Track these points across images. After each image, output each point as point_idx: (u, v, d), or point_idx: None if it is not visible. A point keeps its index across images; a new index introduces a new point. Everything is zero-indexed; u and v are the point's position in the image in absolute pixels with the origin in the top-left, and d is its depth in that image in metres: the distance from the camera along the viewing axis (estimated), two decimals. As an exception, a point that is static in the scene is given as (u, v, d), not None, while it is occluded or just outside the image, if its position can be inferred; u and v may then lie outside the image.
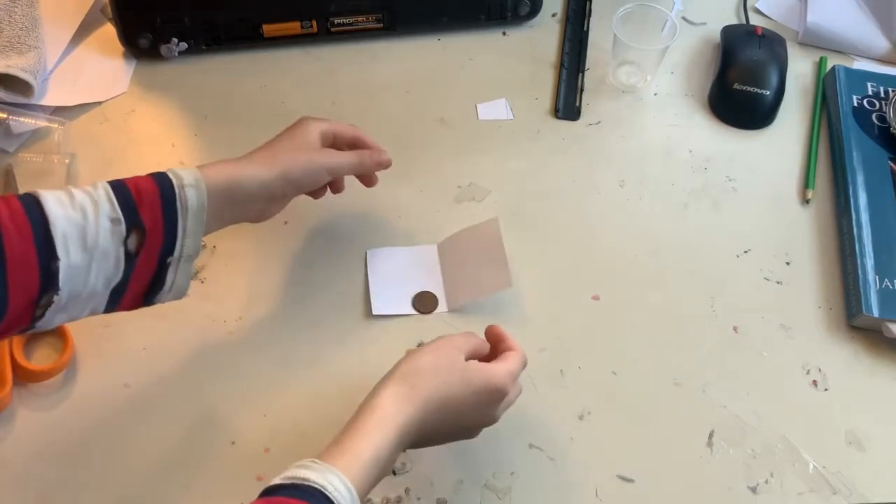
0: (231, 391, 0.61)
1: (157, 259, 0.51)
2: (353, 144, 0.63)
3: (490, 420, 0.53)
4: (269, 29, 0.81)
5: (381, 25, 0.83)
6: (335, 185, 0.65)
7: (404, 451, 0.50)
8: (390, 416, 0.47)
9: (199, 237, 0.52)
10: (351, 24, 0.82)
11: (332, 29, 0.82)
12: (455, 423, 0.51)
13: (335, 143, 0.62)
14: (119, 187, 0.49)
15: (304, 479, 0.43)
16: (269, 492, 0.43)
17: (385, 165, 0.63)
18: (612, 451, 0.59)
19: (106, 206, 0.48)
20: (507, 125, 0.78)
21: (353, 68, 0.82)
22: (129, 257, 0.49)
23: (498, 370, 0.51)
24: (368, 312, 0.65)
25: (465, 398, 0.50)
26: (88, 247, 0.47)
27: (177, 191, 0.50)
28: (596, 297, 0.67)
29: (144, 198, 0.49)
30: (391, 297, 0.65)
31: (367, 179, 0.65)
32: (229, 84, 0.80)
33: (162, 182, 0.51)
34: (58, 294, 0.47)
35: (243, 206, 0.56)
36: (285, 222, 0.70)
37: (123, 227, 0.48)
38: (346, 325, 0.64)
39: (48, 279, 0.46)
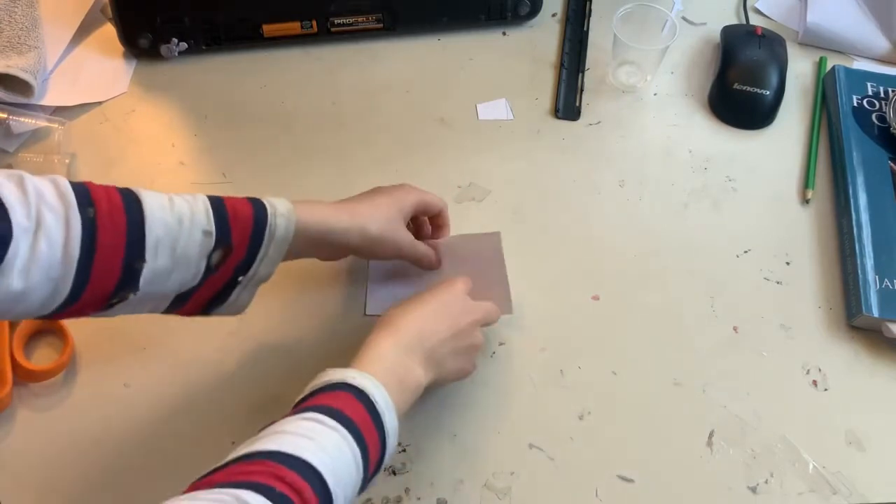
0: (231, 391, 0.61)
1: (230, 275, 0.52)
2: (435, 217, 0.65)
3: (472, 325, 0.56)
4: (269, 29, 0.81)
5: (381, 25, 0.83)
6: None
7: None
8: (377, 352, 0.51)
9: (275, 265, 0.54)
10: (351, 24, 0.82)
11: (332, 29, 0.82)
12: (444, 340, 0.54)
13: (424, 210, 0.63)
14: (217, 204, 0.51)
15: (332, 380, 0.48)
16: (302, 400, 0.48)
17: (433, 268, 0.64)
18: (612, 451, 0.59)
19: (202, 218, 0.49)
20: (507, 125, 0.78)
21: (353, 68, 0.82)
22: (209, 270, 0.50)
23: (450, 280, 0.57)
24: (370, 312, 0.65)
25: (435, 311, 0.54)
26: (177, 255, 0.48)
27: (269, 219, 0.52)
28: (596, 297, 0.67)
29: (239, 219, 0.51)
30: (387, 297, 0.65)
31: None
32: (229, 84, 0.80)
33: (257, 208, 0.52)
34: (136, 293, 0.48)
35: (320, 247, 0.57)
36: (285, 222, 0.70)
37: (213, 240, 0.49)
38: (347, 324, 0.64)
39: (130, 278, 0.47)
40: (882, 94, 0.78)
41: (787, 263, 0.69)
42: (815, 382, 0.62)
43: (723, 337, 0.65)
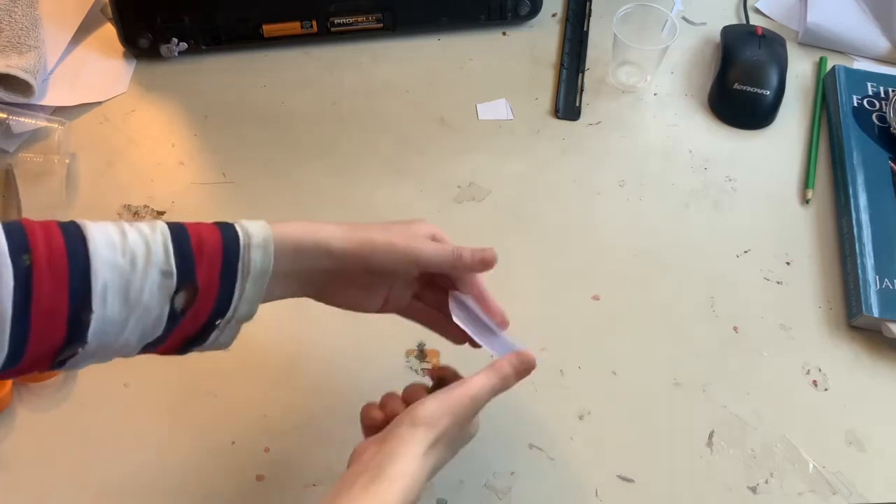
0: (231, 391, 0.61)
1: (204, 320, 0.45)
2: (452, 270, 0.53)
3: (468, 436, 0.50)
4: (269, 29, 0.81)
5: (381, 25, 0.83)
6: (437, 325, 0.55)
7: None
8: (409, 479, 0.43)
9: (257, 303, 0.46)
10: (351, 24, 0.82)
11: (332, 29, 0.82)
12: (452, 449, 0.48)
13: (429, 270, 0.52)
14: (179, 235, 0.43)
15: None
16: None
17: (489, 265, 0.52)
18: (612, 451, 0.59)
19: (160, 256, 0.42)
20: (507, 125, 0.78)
21: (353, 68, 0.82)
22: (174, 316, 0.43)
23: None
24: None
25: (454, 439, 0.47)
26: (130, 301, 0.41)
27: (241, 251, 0.44)
28: (596, 297, 0.67)
29: (205, 253, 0.43)
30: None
31: (463, 285, 0.53)
32: (229, 84, 0.80)
33: (227, 237, 0.44)
34: (83, 347, 0.41)
35: (311, 274, 0.48)
36: (285, 222, 0.70)
37: (174, 282, 0.42)
38: (347, 324, 0.64)
39: (76, 331, 0.40)
40: (882, 94, 0.78)
41: (788, 263, 0.69)
42: (815, 382, 0.62)
43: (723, 337, 0.65)
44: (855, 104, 0.77)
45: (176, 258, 0.42)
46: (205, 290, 0.43)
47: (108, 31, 0.83)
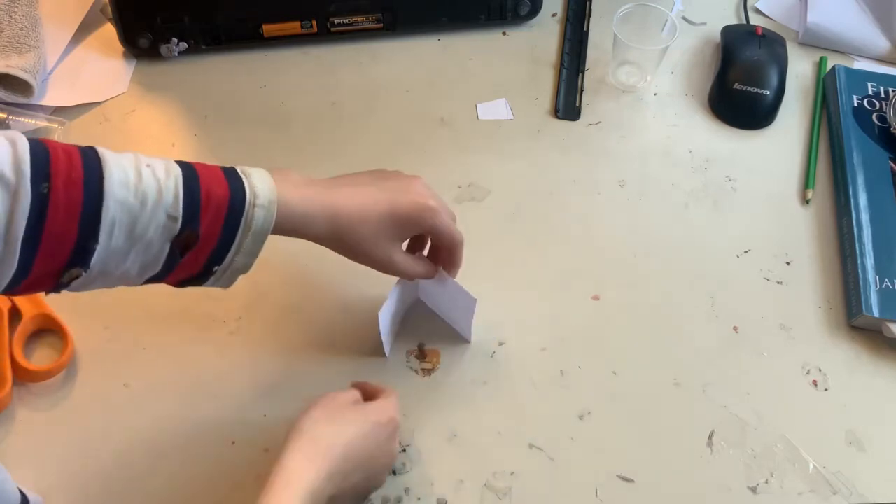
0: (231, 391, 0.61)
1: (203, 264, 0.48)
2: (449, 251, 0.57)
3: (391, 454, 0.54)
4: (268, 29, 0.81)
5: (381, 25, 0.83)
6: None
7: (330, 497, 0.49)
8: (295, 475, 0.46)
9: (254, 257, 0.49)
10: (351, 24, 0.82)
11: (332, 29, 0.82)
12: (362, 462, 0.51)
13: (433, 236, 0.56)
14: (191, 182, 0.46)
15: None
16: None
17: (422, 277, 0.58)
18: (612, 451, 0.59)
19: (169, 200, 0.44)
20: (507, 125, 0.78)
21: (353, 68, 0.82)
22: (174, 256, 0.46)
23: (386, 403, 0.53)
24: (367, 312, 0.64)
25: (366, 435, 0.50)
26: (135, 236, 0.44)
27: (246, 208, 0.47)
28: (596, 297, 0.67)
29: (212, 204, 0.46)
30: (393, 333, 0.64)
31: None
32: (229, 84, 0.80)
33: (235, 193, 0.47)
34: (87, 271, 0.44)
35: (312, 236, 0.53)
36: (285, 222, 0.70)
37: (178, 226, 0.45)
38: (347, 324, 0.64)
39: (81, 256, 0.43)
40: (882, 94, 0.78)
41: (788, 263, 0.69)
42: (815, 382, 0.62)
43: (723, 337, 0.65)
44: (855, 104, 0.77)
45: (184, 205, 0.45)
46: (205, 239, 0.46)
47: (108, 31, 0.83)
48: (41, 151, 0.42)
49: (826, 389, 0.62)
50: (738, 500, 0.57)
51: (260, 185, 0.48)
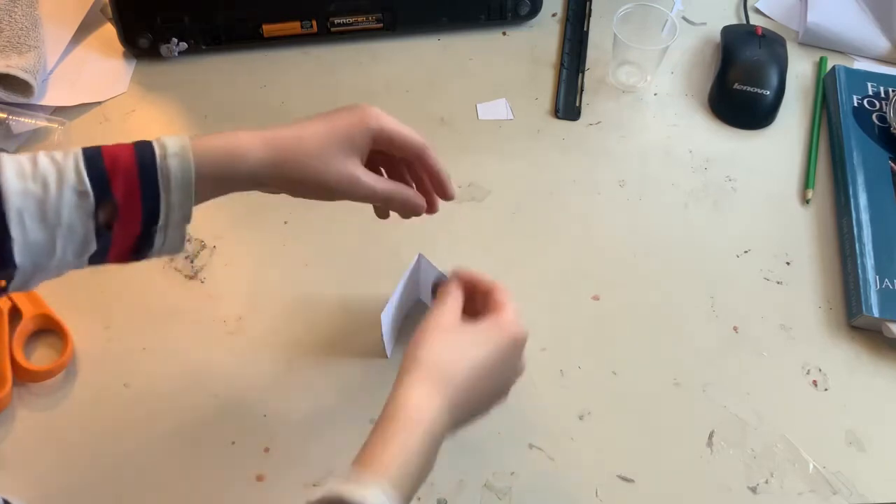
0: (231, 391, 0.61)
1: (138, 228, 0.46)
2: (419, 160, 0.53)
3: (518, 371, 0.50)
4: (268, 29, 0.81)
5: (381, 25, 0.83)
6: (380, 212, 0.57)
7: (448, 437, 0.47)
8: (419, 417, 0.43)
9: (189, 206, 0.47)
10: (351, 24, 0.82)
11: (332, 29, 0.82)
12: (489, 388, 0.48)
13: (391, 149, 0.52)
14: (92, 157, 0.44)
15: (341, 496, 0.39)
16: None
17: (414, 210, 0.53)
18: (612, 451, 0.59)
19: (71, 178, 0.43)
20: (507, 125, 0.78)
21: (353, 68, 0.82)
22: (101, 232, 0.45)
23: (508, 316, 0.48)
24: (369, 312, 0.64)
25: (492, 359, 0.47)
26: (49, 222, 0.43)
27: (158, 161, 0.45)
28: (596, 297, 0.67)
29: (119, 168, 0.44)
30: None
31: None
32: (229, 84, 0.80)
33: (142, 151, 0.45)
34: (17, 270, 0.43)
35: (241, 179, 0.49)
36: (285, 222, 0.70)
37: (92, 200, 0.44)
38: (347, 324, 0.64)
39: (2, 257, 0.42)
40: (882, 94, 0.78)
41: (788, 263, 0.69)
42: (815, 382, 0.62)
43: (723, 337, 0.65)
44: (855, 104, 0.77)
45: (90, 178, 0.44)
46: (126, 204, 0.45)
47: (108, 31, 0.83)
48: None
49: (826, 389, 0.62)
50: (738, 500, 0.57)
51: (168, 139, 0.46)
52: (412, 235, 0.69)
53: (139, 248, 0.47)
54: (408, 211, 0.54)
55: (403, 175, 0.56)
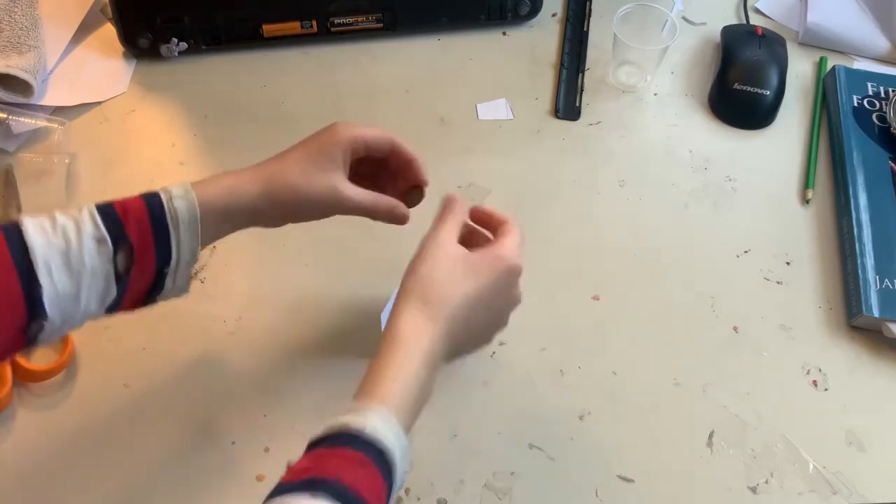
0: (231, 391, 0.61)
1: (152, 273, 0.49)
2: (392, 155, 0.56)
3: (514, 302, 0.51)
4: (269, 29, 0.81)
5: (381, 25, 0.83)
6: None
7: (446, 364, 0.48)
8: (415, 343, 0.45)
9: (196, 245, 0.50)
10: (351, 24, 0.82)
11: (332, 29, 0.82)
12: (485, 318, 0.50)
13: (370, 152, 0.55)
14: (104, 207, 0.48)
15: (342, 427, 0.42)
16: (312, 446, 0.42)
17: (398, 220, 0.56)
18: (612, 451, 0.59)
19: (89, 227, 0.47)
20: (507, 125, 0.78)
21: (353, 68, 0.82)
22: (120, 276, 0.48)
23: (505, 247, 0.49)
24: (369, 312, 0.64)
25: (487, 288, 0.48)
26: (74, 270, 0.46)
27: (165, 204, 0.49)
28: (596, 298, 0.67)
29: (131, 215, 0.48)
30: None
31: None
32: (229, 84, 0.80)
33: (150, 198, 0.49)
34: (47, 320, 0.46)
35: (234, 219, 0.53)
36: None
37: (110, 245, 0.47)
38: (347, 324, 0.64)
39: (34, 308, 0.45)
40: (882, 94, 0.78)
41: (788, 263, 0.69)
42: (815, 382, 0.62)
43: (723, 337, 0.65)
44: (855, 104, 0.77)
45: (105, 225, 0.47)
46: (141, 246, 0.48)
47: (108, 31, 0.83)
48: None
49: (826, 389, 0.62)
50: (738, 500, 0.57)
51: (171, 186, 0.50)
52: (412, 235, 0.68)
53: (151, 292, 0.51)
54: (392, 219, 0.56)
55: (394, 186, 0.59)
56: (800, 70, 0.83)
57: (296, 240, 0.69)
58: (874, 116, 0.76)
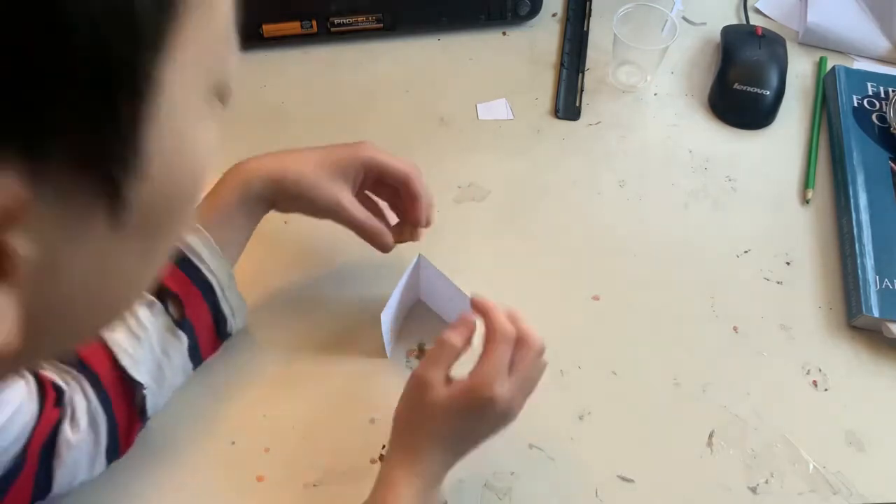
0: (231, 391, 0.61)
1: (205, 305, 0.55)
2: (404, 187, 0.59)
3: (503, 417, 0.51)
4: (268, 29, 0.81)
5: (381, 25, 0.83)
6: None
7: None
8: (401, 490, 0.48)
9: (227, 266, 0.56)
10: (351, 24, 0.82)
11: (332, 29, 0.82)
12: (469, 441, 0.51)
13: (381, 173, 0.58)
14: (158, 289, 0.53)
15: None
16: None
17: (381, 248, 0.59)
18: (612, 451, 0.59)
19: (162, 319, 0.53)
20: (507, 125, 0.78)
21: (353, 68, 0.82)
22: (180, 323, 0.53)
23: (475, 381, 0.49)
24: (369, 312, 0.64)
25: (462, 424, 0.50)
26: (139, 337, 0.51)
27: (180, 246, 0.52)
28: (596, 298, 0.67)
29: (184, 289, 0.54)
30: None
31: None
32: (229, 84, 0.80)
33: (185, 268, 0.54)
34: (144, 387, 0.52)
35: (260, 209, 0.58)
36: (285, 222, 0.69)
37: (157, 304, 0.52)
38: (347, 324, 0.64)
39: (123, 379, 0.51)
40: (882, 94, 0.78)
41: (788, 263, 0.69)
42: (815, 383, 0.62)
43: (723, 337, 0.65)
44: (855, 104, 0.77)
45: (166, 306, 0.53)
46: (185, 292, 0.54)
47: (108, 31, 0.83)
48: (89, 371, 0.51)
49: (826, 389, 0.62)
50: (738, 500, 0.57)
51: (193, 240, 0.54)
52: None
53: (218, 324, 0.56)
54: (375, 244, 0.59)
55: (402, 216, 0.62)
56: (800, 70, 0.83)
57: (296, 240, 0.69)
58: (874, 116, 0.76)
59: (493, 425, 0.52)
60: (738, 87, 0.78)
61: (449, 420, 0.49)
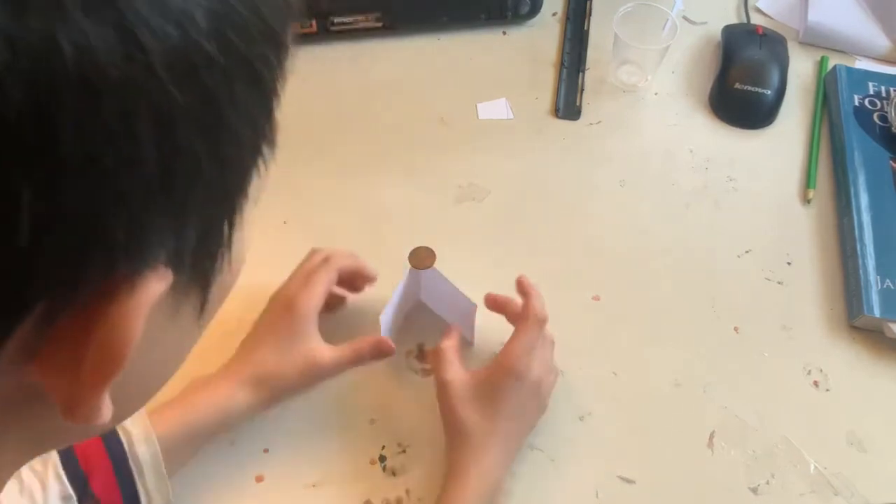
0: (230, 391, 0.61)
1: None
2: (354, 275, 0.61)
3: (533, 393, 0.55)
4: (268, 29, 0.81)
5: (380, 25, 0.83)
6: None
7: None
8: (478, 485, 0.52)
9: (167, 488, 0.50)
10: (350, 24, 0.82)
11: (332, 28, 0.82)
12: (517, 416, 0.54)
13: (335, 288, 0.59)
14: (68, 458, 0.48)
15: None
16: None
17: (385, 354, 0.57)
18: (613, 452, 0.59)
19: (55, 487, 0.46)
20: (507, 125, 0.78)
21: (353, 68, 0.82)
22: None
23: (506, 356, 0.54)
24: (369, 312, 0.64)
25: (502, 401, 0.53)
26: None
27: (126, 449, 0.49)
28: (596, 298, 0.66)
29: (93, 465, 0.48)
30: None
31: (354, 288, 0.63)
32: (229, 84, 0.80)
33: (109, 444, 0.49)
34: None
35: (216, 433, 0.54)
36: (285, 222, 0.69)
37: (75, 502, 0.47)
38: (347, 325, 0.64)
39: None
40: (883, 94, 0.77)
41: (788, 263, 0.69)
42: (816, 383, 0.62)
43: (723, 337, 0.64)
44: (856, 104, 0.77)
45: (69, 479, 0.47)
46: (107, 497, 0.48)
47: (108, 30, 0.83)
48: None
49: (827, 390, 0.62)
50: (739, 500, 0.57)
51: (130, 424, 0.49)
52: (412, 237, 0.68)
53: None
54: (380, 356, 0.57)
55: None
56: (801, 69, 0.83)
57: (296, 240, 0.69)
58: (875, 116, 0.76)
59: (525, 402, 0.55)
60: (739, 86, 0.77)
61: (480, 400, 0.53)
